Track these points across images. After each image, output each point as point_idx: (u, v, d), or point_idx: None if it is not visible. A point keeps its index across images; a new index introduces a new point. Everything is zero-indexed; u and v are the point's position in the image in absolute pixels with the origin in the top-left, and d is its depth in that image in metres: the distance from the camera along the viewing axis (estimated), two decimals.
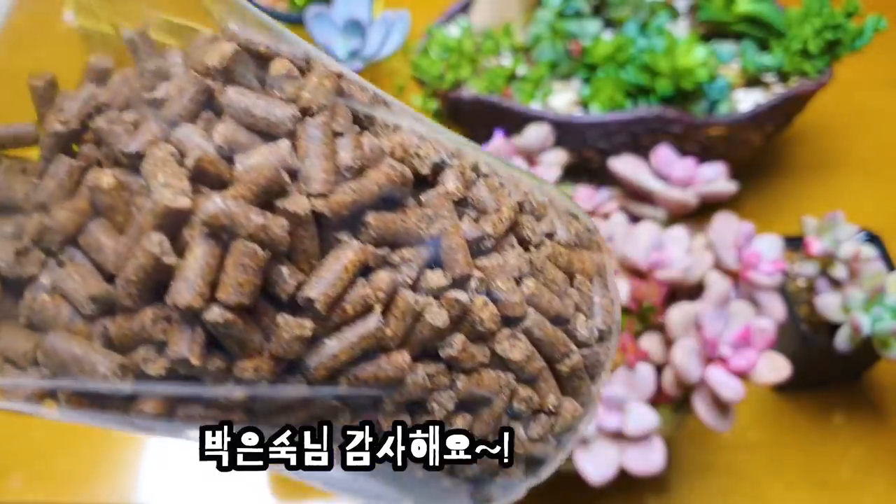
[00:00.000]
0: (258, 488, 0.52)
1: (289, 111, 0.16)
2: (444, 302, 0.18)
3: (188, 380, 0.16)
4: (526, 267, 0.19)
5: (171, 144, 0.16)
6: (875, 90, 0.81)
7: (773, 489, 0.53)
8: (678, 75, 0.60)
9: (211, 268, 0.15)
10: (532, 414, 0.20)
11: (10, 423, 0.55)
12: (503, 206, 0.19)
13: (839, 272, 0.51)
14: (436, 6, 0.73)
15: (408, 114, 0.20)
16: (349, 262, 0.17)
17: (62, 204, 0.17)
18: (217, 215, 0.15)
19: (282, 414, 0.18)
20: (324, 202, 0.16)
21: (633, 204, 0.54)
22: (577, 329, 0.21)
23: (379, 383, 0.18)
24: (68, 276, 0.16)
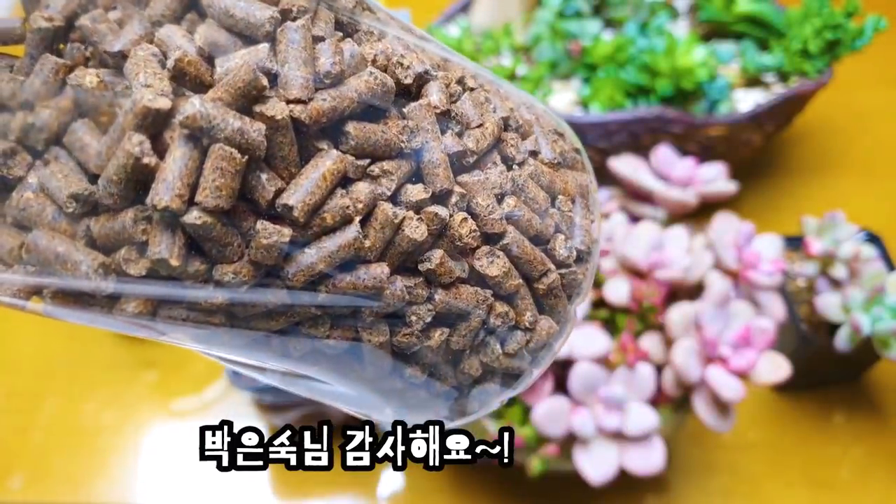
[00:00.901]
0: (258, 488, 0.52)
1: (268, 13, 0.16)
2: (424, 216, 0.18)
3: (169, 281, 0.16)
4: (508, 184, 0.19)
5: (153, 45, 0.16)
6: (875, 90, 0.81)
7: (773, 489, 0.53)
8: (678, 75, 0.60)
9: (190, 170, 0.15)
10: (508, 330, 0.20)
11: (11, 423, 0.55)
12: (487, 121, 0.19)
13: (839, 272, 0.51)
14: (436, 6, 0.73)
15: (395, 22, 0.20)
16: (327, 171, 0.17)
17: (47, 102, 0.17)
18: (195, 116, 0.15)
19: (262, 319, 0.17)
20: (302, 108, 0.16)
21: (633, 204, 0.54)
22: (556, 248, 0.21)
23: (357, 293, 0.18)
24: (52, 176, 0.16)
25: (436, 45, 0.21)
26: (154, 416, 0.56)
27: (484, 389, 0.22)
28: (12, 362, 0.59)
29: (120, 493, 0.52)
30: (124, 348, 0.59)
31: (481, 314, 0.20)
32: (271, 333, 0.18)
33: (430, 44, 0.21)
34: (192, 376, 0.58)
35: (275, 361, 0.19)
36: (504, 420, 0.45)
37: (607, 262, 0.48)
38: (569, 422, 0.42)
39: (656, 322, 0.45)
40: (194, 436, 0.39)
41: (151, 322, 0.17)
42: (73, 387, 0.57)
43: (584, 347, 0.43)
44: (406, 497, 0.52)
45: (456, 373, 0.21)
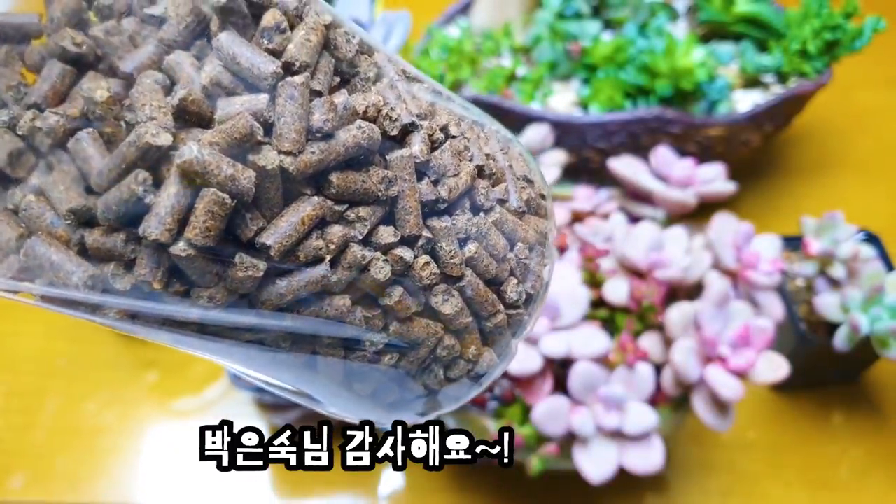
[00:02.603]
0: (258, 488, 0.52)
1: (272, 67, 0.17)
2: (391, 257, 0.19)
3: (150, 295, 0.18)
4: (473, 230, 0.21)
5: (162, 72, 0.17)
6: (874, 90, 0.81)
7: (772, 488, 0.53)
8: (677, 76, 0.60)
9: (181, 206, 0.16)
10: (452, 360, 0.22)
11: (12, 423, 0.55)
12: (462, 171, 0.21)
13: (838, 272, 0.51)
14: (436, 7, 0.73)
15: (391, 65, 0.21)
16: (306, 216, 0.18)
17: (56, 108, 0.17)
18: (192, 161, 0.16)
19: (231, 334, 0.19)
20: (291, 160, 0.17)
21: (632, 204, 0.54)
22: (507, 291, 0.22)
23: (319, 320, 0.19)
24: (54, 185, 0.17)
25: (428, 84, 0.22)
26: (155, 415, 0.56)
27: (452, 388, 0.23)
28: (13, 362, 0.59)
29: (121, 492, 0.52)
30: (125, 348, 0.60)
31: (430, 345, 0.21)
32: (238, 343, 0.19)
33: (422, 85, 0.22)
34: (192, 376, 0.58)
35: (241, 364, 0.21)
36: (504, 420, 0.45)
37: (607, 262, 0.48)
38: (568, 421, 0.42)
39: (656, 322, 0.46)
40: (195, 436, 0.39)
41: (131, 325, 0.19)
42: (74, 387, 0.57)
43: (584, 347, 0.43)
44: (406, 497, 0.52)
45: (409, 385, 0.22)
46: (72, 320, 0.60)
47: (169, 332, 0.19)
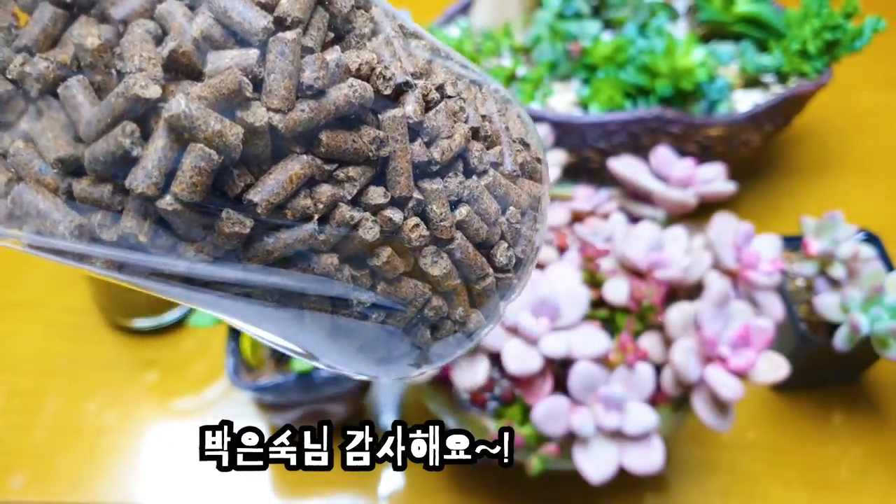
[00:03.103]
0: (258, 488, 0.52)
1: (263, 23, 0.17)
2: (380, 218, 0.19)
3: (137, 246, 0.18)
4: (465, 193, 0.20)
5: (154, 20, 0.17)
6: (874, 90, 0.81)
7: (772, 488, 0.53)
8: (677, 76, 0.60)
9: (168, 160, 0.16)
10: (440, 320, 0.22)
11: (12, 422, 0.55)
12: (456, 133, 0.20)
13: (838, 272, 0.51)
14: (436, 7, 0.73)
15: (388, 20, 0.20)
16: (294, 174, 0.18)
17: (45, 53, 0.17)
18: (179, 116, 0.16)
19: (218, 286, 0.19)
20: (280, 117, 0.17)
21: (632, 204, 0.54)
22: (496, 255, 0.22)
23: (307, 277, 0.19)
24: (42, 133, 0.17)
25: (426, 42, 0.22)
26: (155, 415, 0.56)
27: (440, 346, 0.23)
28: (13, 362, 0.59)
29: (121, 492, 0.52)
30: (125, 348, 0.60)
31: (418, 305, 0.21)
32: (225, 295, 0.19)
33: (420, 42, 0.22)
34: (192, 376, 0.58)
35: (228, 316, 0.21)
36: (504, 420, 0.45)
37: (607, 262, 0.48)
38: (568, 421, 0.42)
39: (656, 322, 0.46)
40: (195, 436, 0.39)
41: (117, 274, 0.19)
42: (74, 386, 0.57)
43: (584, 347, 0.43)
44: (406, 497, 0.52)
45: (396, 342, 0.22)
46: (73, 320, 0.60)
47: (156, 282, 0.19)
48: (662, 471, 0.43)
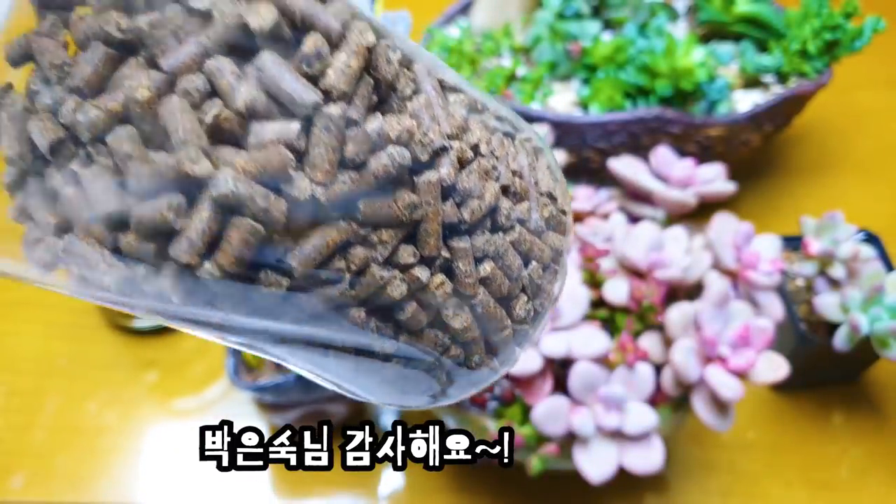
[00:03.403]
0: (259, 487, 0.52)
1: (313, 97, 0.17)
2: (408, 276, 0.20)
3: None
4: (490, 249, 0.21)
5: (203, 74, 0.17)
6: (874, 91, 0.81)
7: (772, 488, 0.53)
8: (677, 76, 0.60)
9: (212, 231, 0.17)
10: (456, 365, 0.22)
11: (12, 422, 0.55)
12: (487, 192, 0.21)
13: (838, 272, 0.51)
14: (436, 7, 0.73)
15: (429, 78, 0.21)
16: (331, 240, 0.18)
17: (96, 101, 0.17)
18: (227, 195, 0.16)
19: (250, 333, 0.20)
20: (323, 190, 0.17)
21: (632, 204, 0.54)
22: (515, 308, 0.22)
23: (334, 328, 0.20)
24: (93, 181, 0.18)
25: (464, 96, 0.22)
26: (155, 415, 0.56)
27: (455, 387, 0.24)
28: (13, 362, 0.59)
29: (121, 492, 0.52)
30: (125, 348, 0.60)
31: (437, 353, 0.22)
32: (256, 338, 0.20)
33: (458, 96, 0.22)
34: (192, 376, 0.58)
35: (257, 352, 0.21)
36: (504, 420, 0.45)
37: (607, 262, 0.48)
38: (568, 421, 0.42)
39: (656, 322, 0.46)
40: (195, 435, 0.39)
41: (155, 317, 0.19)
42: (74, 386, 0.57)
43: (584, 347, 0.43)
44: (406, 497, 0.52)
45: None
46: (73, 320, 0.60)
47: (192, 327, 0.19)
48: (662, 471, 0.43)
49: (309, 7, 0.18)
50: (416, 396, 0.23)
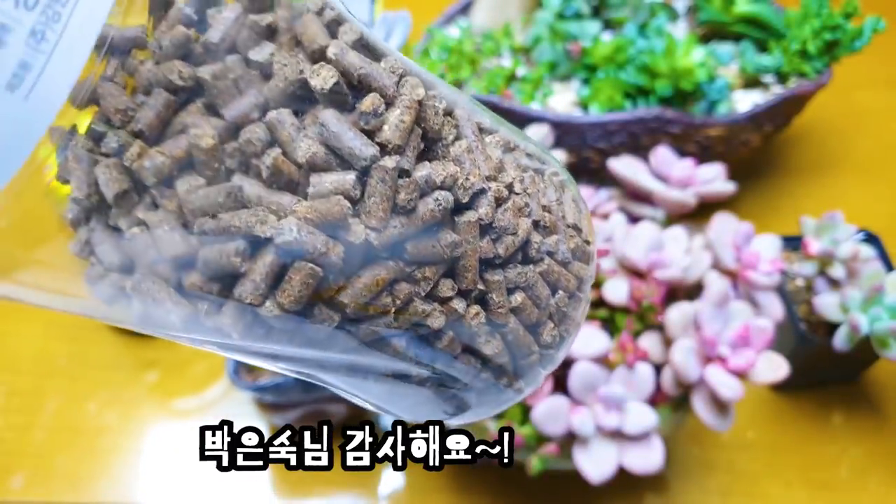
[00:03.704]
0: (259, 487, 0.52)
1: (371, 151, 0.19)
2: (446, 308, 0.21)
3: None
4: (521, 281, 0.22)
5: (264, 125, 0.19)
6: (874, 91, 0.81)
7: (772, 488, 0.53)
8: (677, 76, 0.60)
9: (274, 274, 0.18)
10: (485, 388, 0.24)
11: (12, 422, 0.55)
12: (520, 229, 0.22)
13: (838, 272, 0.51)
14: (436, 7, 0.73)
15: (469, 123, 0.22)
16: (381, 279, 0.20)
17: (161, 147, 0.18)
18: (291, 242, 0.18)
19: (299, 361, 0.21)
20: (376, 235, 0.19)
21: (632, 204, 0.54)
22: (543, 334, 0.24)
23: (376, 355, 0.21)
24: (158, 224, 0.19)
25: (499, 137, 0.23)
26: (155, 415, 0.56)
27: (484, 405, 0.25)
28: (13, 362, 0.59)
29: (121, 492, 0.52)
30: (125, 348, 0.60)
31: (469, 378, 0.23)
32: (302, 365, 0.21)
33: (494, 138, 0.23)
34: (192, 376, 0.58)
35: (298, 376, 0.23)
36: (504, 420, 0.45)
37: (607, 262, 0.48)
38: (568, 421, 0.42)
39: (655, 322, 0.46)
40: (195, 435, 0.39)
41: (213, 348, 0.21)
42: (75, 386, 0.57)
43: (584, 347, 0.43)
44: (406, 497, 0.52)
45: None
46: (73, 320, 0.60)
47: (244, 356, 0.21)
48: (662, 470, 0.43)
49: (366, 67, 0.19)
50: (444, 413, 0.25)
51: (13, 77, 0.15)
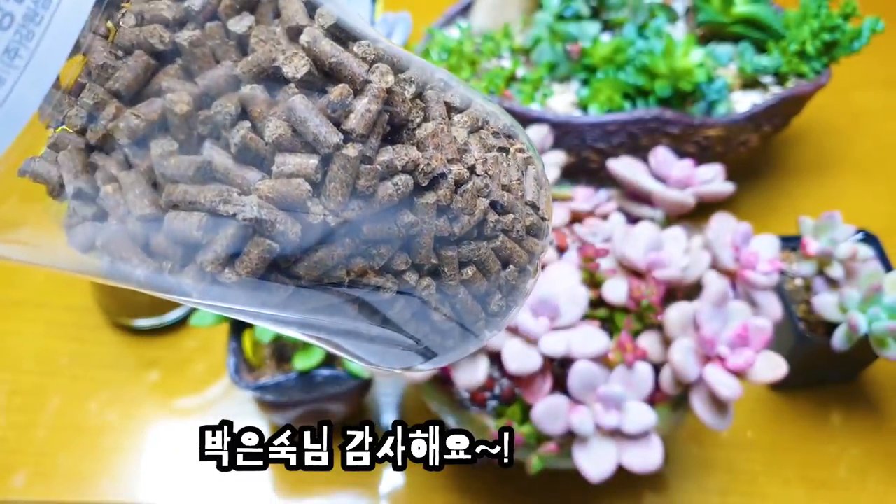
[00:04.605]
0: (260, 485, 0.52)
1: (335, 139, 0.19)
2: (399, 280, 0.22)
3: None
4: (473, 256, 0.23)
5: (237, 97, 0.19)
6: (872, 91, 0.81)
7: (771, 487, 0.53)
8: (676, 77, 0.60)
9: (235, 246, 0.19)
10: (433, 346, 0.25)
11: (14, 421, 0.56)
12: (477, 209, 0.23)
13: (836, 272, 0.51)
14: (436, 8, 0.73)
15: (437, 105, 0.22)
16: (337, 254, 0.20)
17: (136, 109, 0.19)
18: (252, 220, 0.19)
19: (251, 316, 0.22)
20: (334, 217, 0.20)
21: (631, 204, 0.54)
22: (490, 304, 0.24)
23: (331, 319, 0.22)
24: (130, 186, 0.19)
25: (468, 115, 0.24)
26: (156, 414, 0.56)
27: (431, 361, 0.26)
28: (15, 361, 0.59)
29: (122, 491, 0.52)
30: (127, 348, 0.60)
31: (417, 339, 0.24)
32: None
33: (462, 117, 0.24)
34: (193, 376, 0.58)
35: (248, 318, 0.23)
36: (504, 419, 0.45)
37: (606, 261, 0.48)
38: (568, 420, 0.43)
39: (655, 321, 0.46)
40: (196, 435, 0.39)
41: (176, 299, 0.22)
42: (76, 385, 0.57)
43: (583, 346, 0.43)
44: (406, 497, 0.53)
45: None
46: (75, 319, 0.60)
47: (205, 308, 0.21)
48: (661, 469, 0.43)
49: (337, 56, 0.20)
50: (400, 365, 0.26)
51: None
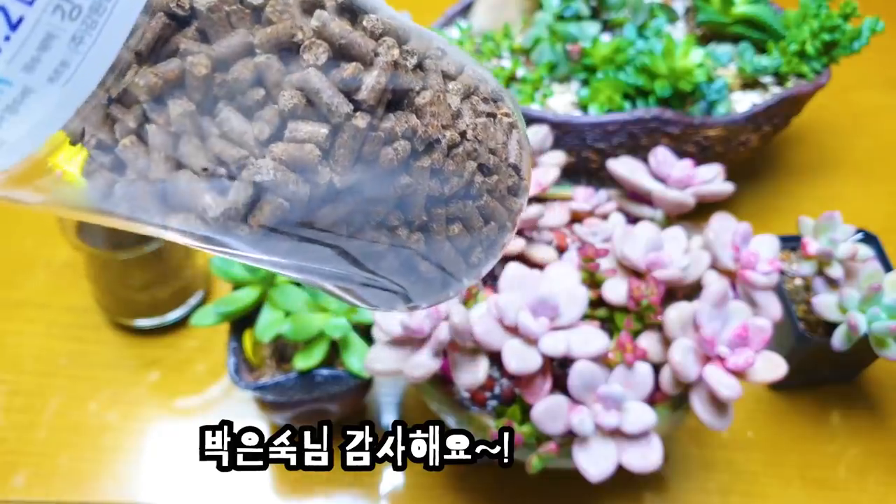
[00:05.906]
0: (259, 488, 0.53)
1: (346, 109, 0.21)
2: (392, 235, 0.23)
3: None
4: (460, 213, 0.25)
5: (253, 64, 0.20)
6: (872, 91, 0.81)
7: (771, 487, 0.53)
8: (676, 77, 0.60)
9: (248, 201, 0.20)
10: (417, 293, 0.27)
11: (14, 421, 0.56)
12: (466, 171, 0.24)
13: (836, 272, 0.51)
14: (436, 8, 0.73)
15: (436, 75, 0.24)
16: (339, 211, 0.22)
17: (154, 68, 0.20)
18: (268, 181, 0.20)
19: (255, 260, 0.23)
20: (339, 178, 0.21)
21: (631, 204, 0.54)
22: (471, 256, 0.26)
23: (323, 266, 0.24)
24: (150, 149, 0.20)
25: (461, 82, 0.25)
26: (157, 414, 0.56)
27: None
28: (15, 361, 0.59)
29: (123, 491, 0.52)
30: (127, 348, 0.60)
31: (401, 287, 0.26)
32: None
33: (457, 85, 0.25)
34: (194, 375, 0.58)
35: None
36: (504, 419, 0.45)
37: (606, 261, 0.48)
38: (568, 420, 0.43)
39: (654, 321, 0.46)
40: (196, 434, 0.39)
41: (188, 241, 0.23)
42: (76, 386, 0.57)
43: (583, 346, 0.43)
44: (406, 497, 0.53)
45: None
46: (75, 319, 0.60)
47: (215, 251, 0.23)
48: (661, 469, 0.43)
49: (346, 37, 0.21)
50: (385, 306, 0.28)
51: (54, 73, 0.18)
